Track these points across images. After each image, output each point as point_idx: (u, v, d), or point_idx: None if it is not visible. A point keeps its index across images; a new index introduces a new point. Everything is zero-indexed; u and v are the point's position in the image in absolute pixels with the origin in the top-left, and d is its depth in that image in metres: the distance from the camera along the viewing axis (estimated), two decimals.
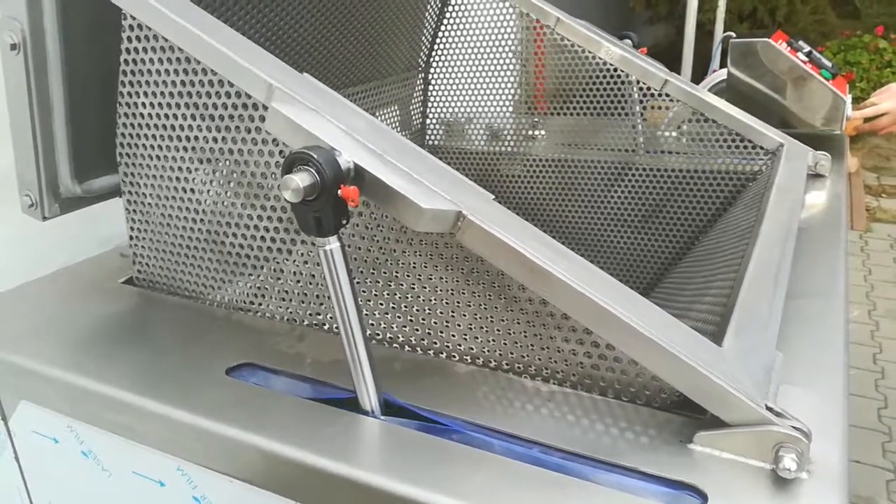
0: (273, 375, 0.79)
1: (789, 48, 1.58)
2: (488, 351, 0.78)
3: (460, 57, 1.58)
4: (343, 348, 0.69)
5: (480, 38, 1.53)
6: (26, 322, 0.91)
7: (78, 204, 0.96)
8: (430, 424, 0.69)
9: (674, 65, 4.48)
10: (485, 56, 1.54)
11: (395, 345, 0.82)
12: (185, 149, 0.85)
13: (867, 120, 1.65)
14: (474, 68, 1.57)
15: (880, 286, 3.33)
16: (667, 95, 1.36)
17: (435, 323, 0.79)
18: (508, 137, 1.60)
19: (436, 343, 0.80)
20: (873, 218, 4.13)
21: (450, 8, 1.55)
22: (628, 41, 1.51)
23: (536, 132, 1.58)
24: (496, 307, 0.75)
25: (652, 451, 0.63)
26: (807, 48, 1.61)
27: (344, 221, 0.65)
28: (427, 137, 1.68)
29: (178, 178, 0.88)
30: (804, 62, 1.57)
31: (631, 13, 7.39)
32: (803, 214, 1.15)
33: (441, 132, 1.67)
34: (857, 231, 3.92)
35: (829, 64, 1.60)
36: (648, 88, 1.38)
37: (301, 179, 0.61)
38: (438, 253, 0.75)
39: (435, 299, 0.78)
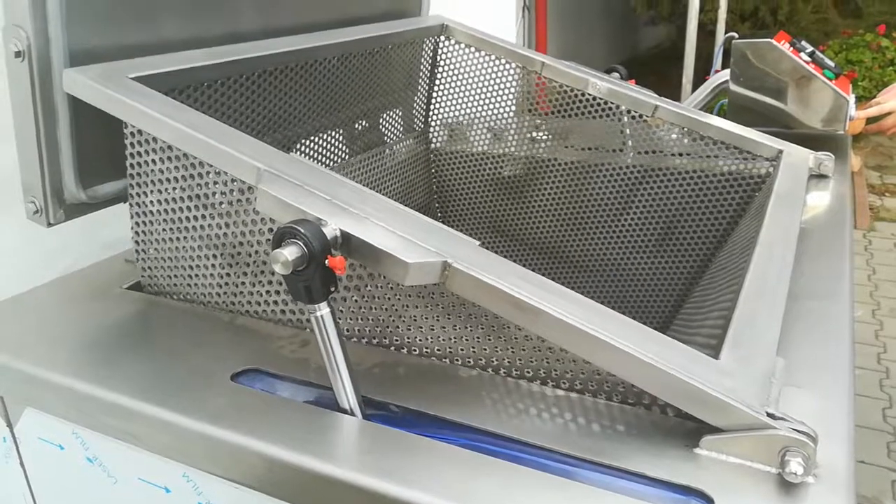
0: (278, 381, 0.79)
1: (792, 49, 1.58)
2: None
3: (458, 112, 1.62)
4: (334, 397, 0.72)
5: (474, 88, 1.57)
6: (31, 328, 0.91)
7: (83, 210, 0.97)
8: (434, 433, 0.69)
9: (676, 65, 4.48)
10: (481, 104, 1.58)
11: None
12: (194, 238, 0.90)
13: (872, 120, 1.65)
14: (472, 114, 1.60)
15: (884, 285, 3.32)
16: (660, 120, 1.38)
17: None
18: (511, 140, 1.60)
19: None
20: (876, 217, 4.12)
21: (439, 70, 1.59)
22: (616, 74, 1.52)
23: (539, 134, 1.58)
24: (497, 348, 0.77)
25: (658, 456, 0.63)
26: (809, 48, 1.60)
27: (332, 289, 0.68)
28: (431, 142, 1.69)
29: (191, 267, 0.93)
30: (807, 63, 1.56)
31: (632, 14, 7.38)
32: (808, 215, 1.15)
33: (444, 135, 1.67)
34: (861, 230, 3.91)
35: (831, 64, 1.59)
36: (640, 115, 1.41)
37: (289, 253, 0.64)
38: (435, 303, 0.78)
39: (439, 348, 0.80)
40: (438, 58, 1.57)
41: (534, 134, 1.57)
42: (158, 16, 0.99)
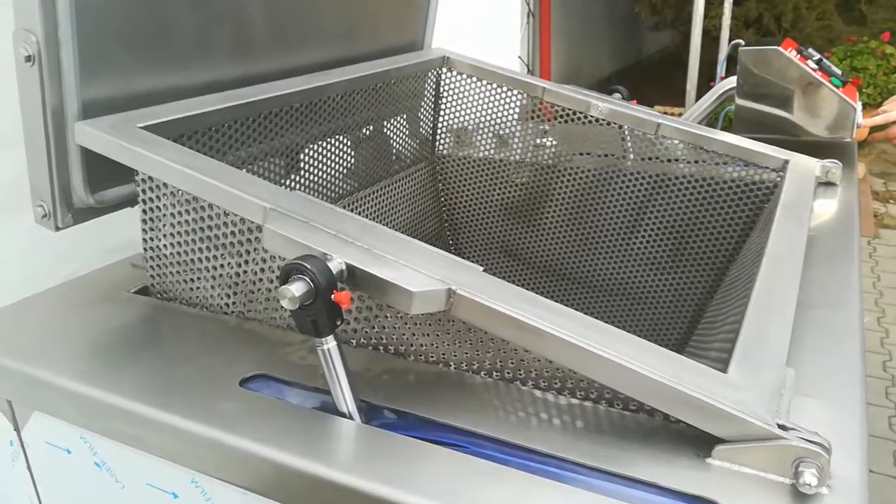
0: (286, 386, 0.79)
1: (799, 56, 1.58)
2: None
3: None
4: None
5: (478, 116, 1.60)
6: (39, 332, 0.91)
7: (91, 214, 0.97)
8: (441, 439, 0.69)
9: (679, 71, 4.49)
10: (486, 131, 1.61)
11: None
12: (208, 279, 0.93)
13: (878, 128, 1.64)
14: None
15: (889, 293, 3.32)
16: (663, 137, 1.39)
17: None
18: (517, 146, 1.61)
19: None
20: (881, 224, 4.11)
21: (443, 100, 1.61)
22: (618, 95, 1.54)
23: (546, 140, 1.58)
24: (507, 372, 0.77)
25: (670, 465, 0.63)
26: (816, 56, 1.60)
27: (339, 322, 0.70)
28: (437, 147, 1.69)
29: (207, 307, 0.95)
30: (814, 70, 1.56)
31: (636, 19, 7.39)
32: (815, 222, 1.14)
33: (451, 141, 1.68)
34: (865, 237, 3.90)
35: (838, 72, 1.59)
36: (644, 133, 1.41)
37: (296, 289, 0.65)
38: (444, 330, 0.79)
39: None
40: (441, 88, 1.60)
41: (540, 140, 1.57)
42: (170, 63, 1.02)
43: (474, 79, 1.54)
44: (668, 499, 0.60)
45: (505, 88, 1.52)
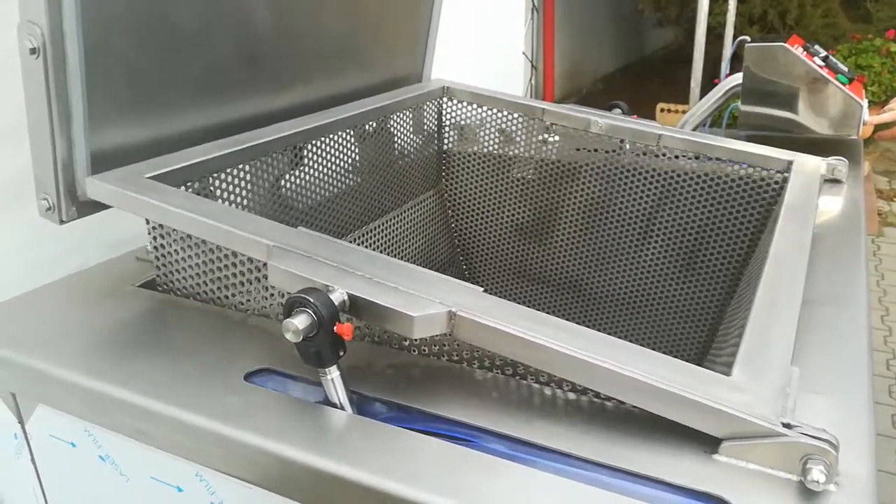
0: (291, 381, 0.79)
1: (805, 53, 1.57)
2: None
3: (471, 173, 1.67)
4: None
5: (482, 139, 1.62)
6: (43, 326, 0.91)
7: (95, 208, 0.96)
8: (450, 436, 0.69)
9: (683, 68, 4.47)
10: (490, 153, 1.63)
11: None
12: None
13: (883, 126, 1.64)
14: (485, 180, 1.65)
15: (892, 291, 3.31)
16: (665, 147, 1.39)
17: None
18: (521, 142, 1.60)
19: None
20: (885, 222, 4.10)
21: (446, 128, 1.63)
22: (618, 110, 1.54)
23: (549, 137, 1.58)
24: (510, 384, 0.77)
25: (677, 461, 0.63)
26: (823, 53, 1.60)
27: (341, 353, 0.70)
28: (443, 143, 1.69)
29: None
30: (821, 67, 1.56)
31: (640, 16, 7.37)
32: (822, 220, 1.14)
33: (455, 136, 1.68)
34: (869, 235, 3.89)
35: (845, 69, 1.59)
36: (646, 145, 1.42)
37: (299, 321, 0.67)
38: (448, 351, 0.80)
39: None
40: (444, 117, 1.62)
41: (544, 136, 1.57)
42: (170, 53, 1.02)
43: (474, 105, 1.56)
44: (676, 495, 0.60)
45: (505, 112, 1.54)
